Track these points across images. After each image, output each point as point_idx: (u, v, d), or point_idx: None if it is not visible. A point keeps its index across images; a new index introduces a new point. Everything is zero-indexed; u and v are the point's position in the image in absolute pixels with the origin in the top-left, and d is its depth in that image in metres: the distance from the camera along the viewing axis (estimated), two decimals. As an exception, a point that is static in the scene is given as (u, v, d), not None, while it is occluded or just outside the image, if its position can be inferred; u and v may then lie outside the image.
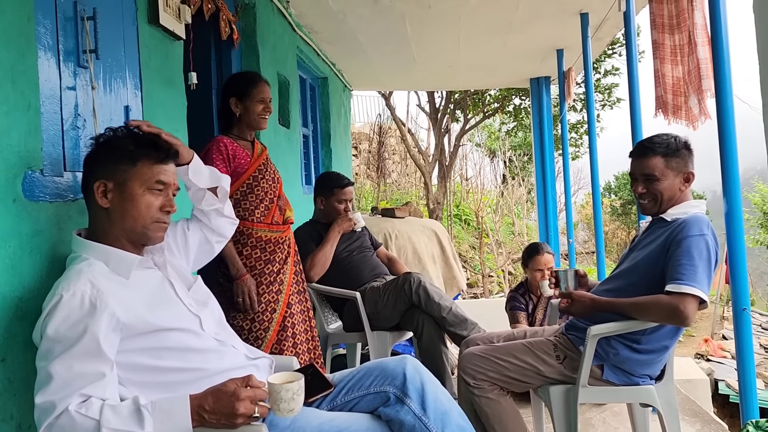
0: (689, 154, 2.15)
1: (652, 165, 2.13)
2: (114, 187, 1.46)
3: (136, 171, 1.47)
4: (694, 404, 3.36)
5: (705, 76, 2.69)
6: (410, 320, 3.04)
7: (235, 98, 2.47)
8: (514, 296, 3.42)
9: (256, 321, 2.43)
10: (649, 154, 2.15)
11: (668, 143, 2.13)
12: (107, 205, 1.47)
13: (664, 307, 1.95)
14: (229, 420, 1.27)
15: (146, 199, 1.48)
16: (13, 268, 1.41)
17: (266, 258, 2.50)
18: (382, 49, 5.26)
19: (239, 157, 2.45)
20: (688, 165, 2.14)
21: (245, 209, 2.47)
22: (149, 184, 1.48)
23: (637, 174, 2.19)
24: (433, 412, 1.55)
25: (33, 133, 1.52)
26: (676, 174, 2.12)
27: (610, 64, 10.72)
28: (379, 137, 12.79)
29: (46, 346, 1.29)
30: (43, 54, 1.60)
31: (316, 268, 3.14)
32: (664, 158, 2.12)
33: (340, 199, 3.30)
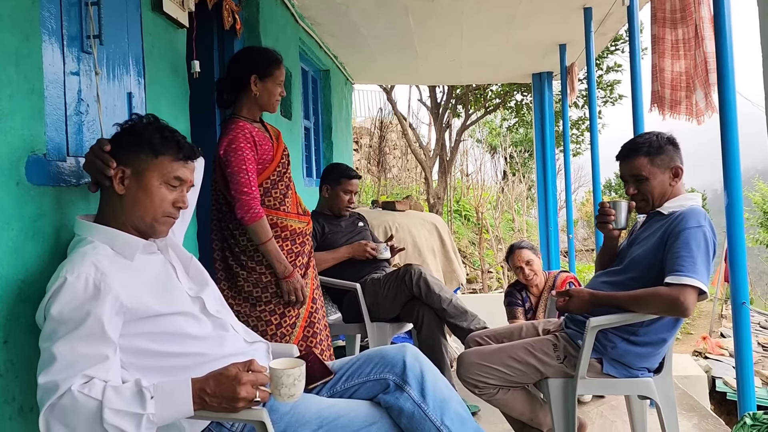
0: (675, 149, 2.17)
1: (638, 166, 2.16)
2: (131, 175, 1.48)
3: (157, 164, 1.49)
4: (691, 399, 3.38)
5: (712, 69, 2.70)
6: (410, 312, 3.04)
7: (256, 76, 2.32)
8: (511, 292, 3.43)
9: (286, 316, 2.38)
10: (633, 155, 2.18)
11: (650, 142, 2.16)
12: (122, 192, 1.48)
13: (664, 299, 1.96)
14: (230, 404, 1.28)
15: (161, 193, 1.50)
16: (16, 251, 1.42)
17: (297, 250, 2.44)
18: (385, 42, 5.25)
19: (263, 144, 2.34)
20: (674, 160, 2.16)
21: (275, 198, 2.38)
22: (166, 178, 1.50)
23: (626, 176, 2.23)
24: (432, 399, 1.56)
25: (36, 117, 1.52)
26: (664, 170, 2.15)
27: (612, 60, 10.70)
28: (380, 132, 12.78)
29: (50, 327, 1.30)
30: (48, 38, 1.60)
31: None
32: (648, 157, 2.15)
33: (345, 190, 3.31)
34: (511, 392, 2.23)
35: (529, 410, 2.29)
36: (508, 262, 3.43)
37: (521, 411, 2.27)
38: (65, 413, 1.23)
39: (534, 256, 3.34)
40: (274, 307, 2.37)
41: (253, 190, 2.27)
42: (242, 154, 2.26)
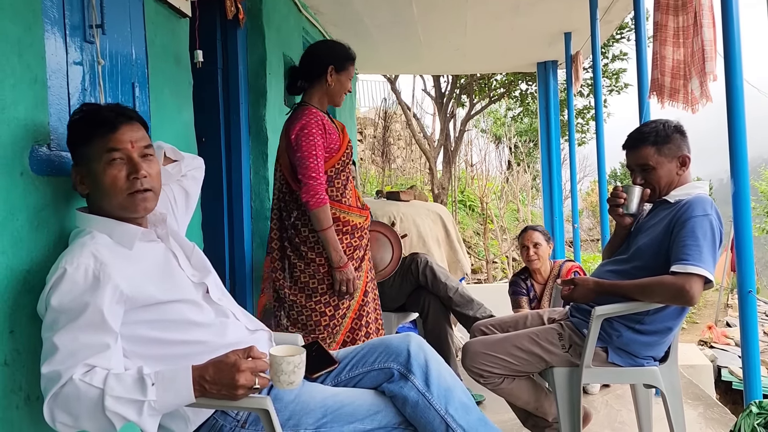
0: (682, 138, 2.14)
1: (644, 155, 2.14)
2: (85, 172, 1.47)
3: (92, 150, 1.44)
4: (697, 388, 3.38)
5: (709, 58, 2.67)
6: (416, 301, 3.05)
7: (333, 67, 2.41)
8: (516, 281, 3.44)
9: (339, 308, 2.40)
10: (639, 144, 2.15)
11: (657, 131, 2.13)
12: (86, 191, 1.49)
13: (669, 288, 1.95)
14: (230, 391, 1.28)
15: (108, 174, 1.43)
16: (21, 242, 1.42)
17: (356, 244, 2.46)
18: (388, 32, 5.22)
19: (332, 133, 2.40)
20: (681, 148, 2.14)
21: (337, 189, 2.43)
22: (105, 156, 1.43)
23: (633, 165, 2.20)
24: (437, 388, 1.56)
25: (40, 107, 1.52)
26: (671, 159, 2.12)
27: (618, 48, 10.62)
28: (384, 122, 12.74)
29: (51, 318, 1.31)
30: (50, 27, 1.59)
31: None
32: (655, 146, 2.12)
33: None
34: (516, 381, 2.23)
35: (534, 399, 2.29)
36: (519, 242, 3.51)
37: (526, 400, 2.28)
38: (68, 402, 1.24)
39: (544, 241, 3.36)
40: (328, 298, 2.40)
41: (320, 176, 2.33)
42: (313, 140, 2.33)
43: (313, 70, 2.44)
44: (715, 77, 2.72)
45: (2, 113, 1.38)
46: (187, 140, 2.38)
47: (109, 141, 1.43)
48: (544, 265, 3.38)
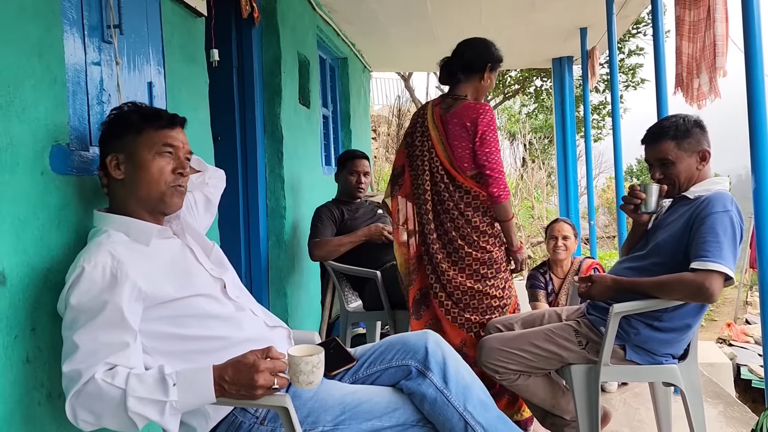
0: (702, 132, 2.11)
1: (664, 149, 2.11)
2: (125, 159, 1.49)
3: (142, 138, 1.49)
4: (716, 386, 3.34)
5: (720, 53, 2.64)
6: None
7: (490, 65, 2.54)
8: (534, 275, 3.43)
9: (506, 288, 2.54)
10: (659, 139, 2.12)
11: (677, 125, 2.10)
12: (121, 176, 1.49)
13: (689, 285, 1.93)
14: (249, 391, 1.29)
15: (157, 164, 1.49)
16: (42, 240, 1.44)
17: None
18: (402, 28, 5.21)
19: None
20: (701, 143, 2.11)
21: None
22: (157, 148, 1.50)
23: (652, 160, 2.17)
24: (455, 385, 1.56)
25: (60, 107, 1.53)
26: (690, 154, 2.10)
27: (634, 43, 10.53)
28: (398, 120, 12.72)
29: (70, 316, 1.32)
30: (69, 28, 1.61)
31: (322, 252, 3.15)
32: (675, 141, 2.09)
33: (351, 171, 3.36)
34: (533, 378, 2.22)
35: (551, 396, 2.28)
36: (546, 232, 3.48)
37: (542, 397, 2.26)
38: (90, 401, 1.26)
39: (573, 235, 3.37)
40: (498, 282, 2.52)
41: (503, 170, 2.49)
42: (496, 136, 2.48)
43: (474, 65, 2.52)
44: (725, 73, 2.69)
45: (23, 113, 1.40)
46: (203, 139, 2.39)
47: (166, 136, 1.51)
48: (567, 259, 3.38)
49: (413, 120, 2.65)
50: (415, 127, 2.60)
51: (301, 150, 3.83)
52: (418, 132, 2.58)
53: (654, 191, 2.16)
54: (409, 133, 2.64)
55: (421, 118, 2.59)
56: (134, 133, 1.49)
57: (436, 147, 2.50)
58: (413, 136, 2.60)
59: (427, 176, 2.52)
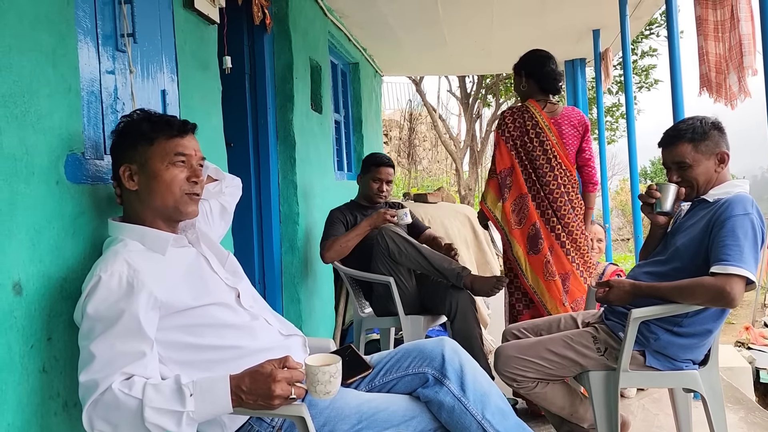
0: (720, 134, 2.08)
1: (681, 152, 2.08)
2: (138, 169, 1.49)
3: (154, 148, 1.49)
4: (737, 391, 3.28)
5: (747, 52, 2.60)
6: (442, 302, 3.00)
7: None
8: None
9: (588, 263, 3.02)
10: (676, 141, 2.10)
11: (694, 128, 2.07)
12: (135, 187, 1.49)
13: (709, 289, 1.89)
14: (266, 401, 1.27)
15: (170, 173, 1.50)
16: (57, 249, 1.44)
17: None
18: (413, 32, 5.20)
19: None
20: (720, 145, 2.07)
21: None
22: (170, 158, 1.50)
23: (669, 163, 2.14)
24: (473, 393, 1.54)
25: (74, 116, 1.54)
26: (708, 157, 2.07)
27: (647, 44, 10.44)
28: (410, 124, 12.72)
29: (87, 326, 1.32)
30: (83, 37, 1.61)
31: (331, 252, 3.13)
32: (692, 143, 2.06)
33: (375, 178, 3.29)
34: (551, 386, 2.19)
35: (569, 404, 2.24)
36: None
37: (561, 405, 2.23)
38: (108, 410, 1.25)
39: (604, 238, 3.37)
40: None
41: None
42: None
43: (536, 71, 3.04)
44: (755, 71, 2.64)
45: (38, 123, 1.40)
46: (216, 146, 2.39)
47: (178, 145, 1.51)
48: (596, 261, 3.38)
49: (517, 124, 2.97)
50: (526, 130, 2.94)
51: (314, 156, 3.83)
52: (531, 133, 2.94)
53: (671, 191, 2.14)
54: (517, 136, 2.96)
55: (531, 121, 2.94)
56: (146, 143, 1.49)
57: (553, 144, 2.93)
58: (523, 138, 2.95)
59: (549, 170, 2.93)
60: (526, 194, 2.93)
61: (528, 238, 2.94)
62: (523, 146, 2.95)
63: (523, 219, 2.94)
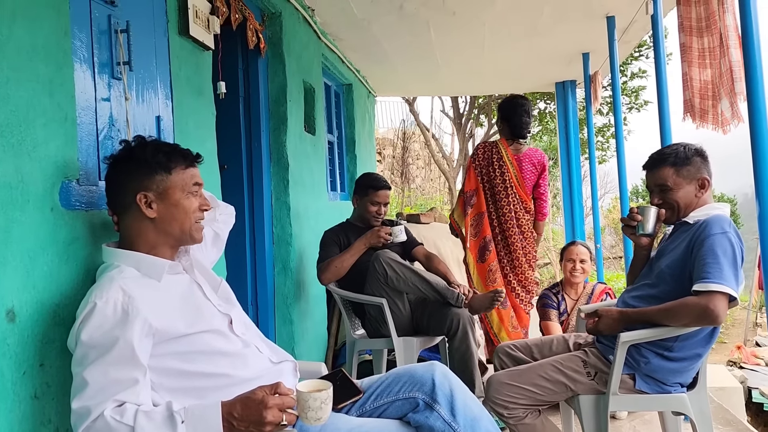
0: (702, 161, 2.15)
1: (663, 176, 2.15)
2: (156, 197, 1.51)
3: (174, 178, 1.53)
4: (727, 413, 3.29)
5: (738, 78, 2.66)
6: (440, 321, 3.01)
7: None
8: (547, 294, 3.44)
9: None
10: (659, 165, 2.17)
11: (677, 153, 2.14)
12: (154, 215, 1.51)
13: (693, 309, 1.92)
14: (257, 428, 1.28)
15: (189, 202, 1.55)
16: (51, 275, 1.45)
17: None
18: (406, 55, 5.27)
19: None
20: (701, 171, 2.14)
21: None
22: (188, 188, 1.55)
23: (652, 185, 2.22)
24: (463, 418, 1.55)
25: (69, 144, 1.56)
26: (690, 182, 2.13)
27: (636, 66, 10.58)
28: (403, 142, 12.80)
29: (81, 352, 1.33)
30: (79, 66, 1.64)
31: (328, 274, 3.14)
32: (674, 167, 2.13)
33: (373, 201, 3.29)
34: (538, 420, 2.17)
35: None
36: (562, 255, 3.54)
37: None
38: None
39: (589, 259, 3.38)
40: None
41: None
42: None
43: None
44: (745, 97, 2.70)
45: (34, 151, 1.42)
46: (210, 169, 2.41)
47: (193, 176, 1.58)
48: (582, 282, 3.40)
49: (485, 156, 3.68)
50: (491, 161, 3.63)
51: (307, 177, 3.86)
52: (495, 165, 3.61)
53: (651, 214, 2.20)
54: (483, 165, 3.67)
55: (496, 155, 3.63)
56: (164, 172, 1.52)
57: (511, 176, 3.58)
58: (488, 168, 3.64)
59: (504, 196, 3.58)
60: (483, 212, 3.64)
61: (479, 249, 3.66)
62: (487, 174, 3.65)
63: (478, 232, 3.66)
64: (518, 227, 3.59)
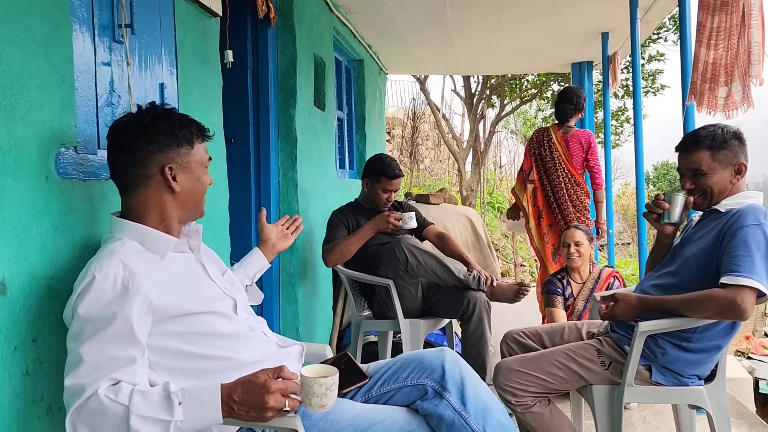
0: (740, 145, 2.02)
1: (698, 159, 2.02)
2: (179, 170, 1.45)
3: (195, 152, 1.49)
4: (740, 405, 3.22)
5: (755, 61, 2.54)
6: (456, 303, 2.95)
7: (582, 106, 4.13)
8: (551, 280, 3.37)
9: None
10: (694, 148, 2.03)
11: (714, 135, 2.01)
12: (178, 189, 1.45)
13: (719, 302, 1.83)
14: (259, 413, 1.22)
15: (206, 177, 1.53)
16: (45, 247, 1.38)
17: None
18: (420, 31, 5.14)
19: None
20: (738, 156, 2.01)
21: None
22: (205, 162, 1.53)
23: (684, 169, 2.08)
24: (474, 407, 1.49)
25: (67, 109, 1.48)
26: (725, 167, 2.00)
27: (654, 49, 10.36)
28: (413, 122, 12.65)
29: (77, 327, 1.26)
30: (78, 27, 1.55)
31: (333, 257, 3.07)
32: (711, 151, 2.00)
33: (385, 189, 3.19)
34: (547, 409, 2.10)
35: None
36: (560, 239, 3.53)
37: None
38: (92, 416, 1.20)
39: (586, 241, 3.32)
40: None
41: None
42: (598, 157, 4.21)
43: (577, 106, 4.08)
44: (762, 81, 2.58)
45: (28, 115, 1.34)
46: (215, 142, 2.32)
47: (206, 151, 1.55)
48: (584, 265, 3.31)
49: (537, 139, 4.19)
50: (542, 143, 4.15)
51: (316, 153, 3.77)
52: (545, 146, 4.13)
53: (679, 201, 2.08)
54: (535, 147, 4.18)
55: (546, 138, 4.14)
56: (188, 146, 1.48)
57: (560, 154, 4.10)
58: (539, 149, 4.15)
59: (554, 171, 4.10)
60: (537, 186, 4.20)
61: (536, 215, 4.26)
62: (539, 154, 4.18)
63: (534, 202, 4.24)
64: (568, 196, 4.10)
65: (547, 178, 4.19)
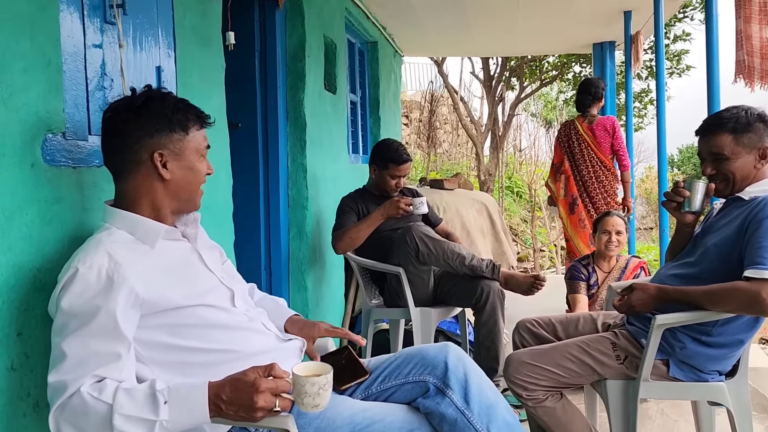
0: (765, 127, 1.89)
1: (720, 143, 1.89)
2: (171, 157, 1.38)
3: (190, 139, 1.41)
4: (763, 398, 3.11)
5: None
6: (469, 291, 2.88)
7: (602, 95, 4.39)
8: (575, 266, 3.28)
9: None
10: (716, 131, 1.90)
11: (737, 117, 1.88)
12: (168, 176, 1.38)
13: (743, 295, 1.73)
14: (248, 413, 1.16)
15: (200, 165, 1.45)
16: (31, 237, 1.33)
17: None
18: (436, 12, 5.01)
19: None
20: (763, 139, 1.88)
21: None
22: (201, 150, 1.44)
23: (705, 154, 1.95)
24: (478, 405, 1.42)
25: (54, 93, 1.42)
26: (749, 151, 1.88)
27: (680, 28, 10.04)
28: (431, 106, 12.50)
29: (60, 321, 1.22)
30: (66, 8, 1.49)
31: (342, 244, 3.01)
32: (734, 135, 1.88)
33: (393, 174, 3.11)
34: (559, 404, 2.01)
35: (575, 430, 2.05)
36: (596, 227, 3.32)
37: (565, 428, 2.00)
38: (75, 414, 1.15)
39: (625, 231, 3.23)
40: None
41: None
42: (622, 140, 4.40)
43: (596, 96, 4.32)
44: None
45: (10, 99, 1.28)
46: (217, 128, 2.26)
47: (205, 138, 1.46)
48: (616, 255, 3.22)
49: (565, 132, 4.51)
50: (569, 135, 4.45)
51: (326, 138, 3.69)
52: (573, 138, 4.42)
53: (700, 189, 1.97)
54: (564, 140, 4.49)
55: (573, 129, 4.43)
56: (182, 131, 1.39)
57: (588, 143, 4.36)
58: (568, 141, 4.46)
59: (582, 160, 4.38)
60: (569, 176, 4.48)
61: (568, 204, 4.52)
62: (568, 146, 4.47)
63: (566, 192, 4.52)
64: (598, 182, 4.37)
65: (578, 167, 4.46)
